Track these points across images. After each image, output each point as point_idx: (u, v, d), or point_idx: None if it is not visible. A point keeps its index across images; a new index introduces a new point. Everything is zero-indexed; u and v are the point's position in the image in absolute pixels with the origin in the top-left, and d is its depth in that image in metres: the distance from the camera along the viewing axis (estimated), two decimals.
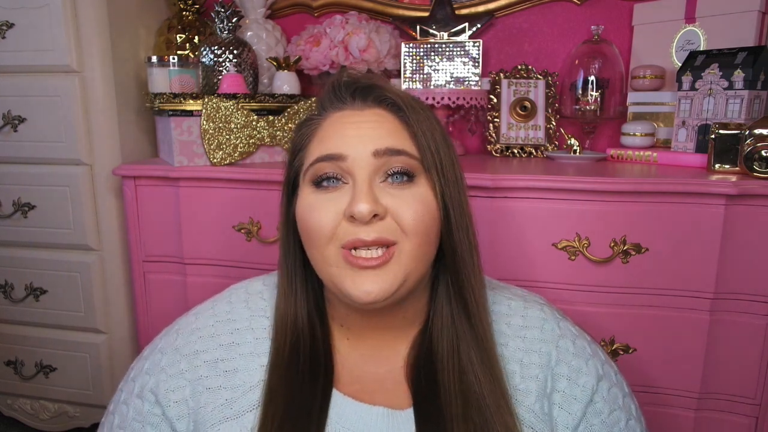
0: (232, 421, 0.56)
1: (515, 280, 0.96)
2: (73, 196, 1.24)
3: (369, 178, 0.54)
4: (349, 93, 0.59)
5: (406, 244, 0.53)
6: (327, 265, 0.55)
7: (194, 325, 0.64)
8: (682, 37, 1.22)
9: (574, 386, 0.59)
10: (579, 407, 0.59)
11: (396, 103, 0.57)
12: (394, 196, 0.54)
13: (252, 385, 0.58)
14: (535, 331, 0.62)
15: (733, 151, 0.96)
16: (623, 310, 0.95)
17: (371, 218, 0.52)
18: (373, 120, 0.56)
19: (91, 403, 1.38)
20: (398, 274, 0.53)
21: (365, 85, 0.59)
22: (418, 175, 0.56)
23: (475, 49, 1.32)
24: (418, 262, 0.55)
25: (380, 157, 0.54)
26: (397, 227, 0.53)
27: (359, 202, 0.51)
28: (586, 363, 0.61)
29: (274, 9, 1.51)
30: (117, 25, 1.24)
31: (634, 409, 0.63)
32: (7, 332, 1.37)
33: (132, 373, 0.64)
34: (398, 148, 0.55)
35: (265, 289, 0.66)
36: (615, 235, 0.92)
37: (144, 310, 1.21)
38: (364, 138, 0.55)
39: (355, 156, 0.54)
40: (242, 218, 1.10)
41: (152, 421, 0.59)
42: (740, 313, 0.91)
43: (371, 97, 0.58)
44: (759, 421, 0.93)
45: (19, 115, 1.23)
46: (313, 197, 0.56)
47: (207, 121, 1.10)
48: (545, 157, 1.30)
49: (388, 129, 0.56)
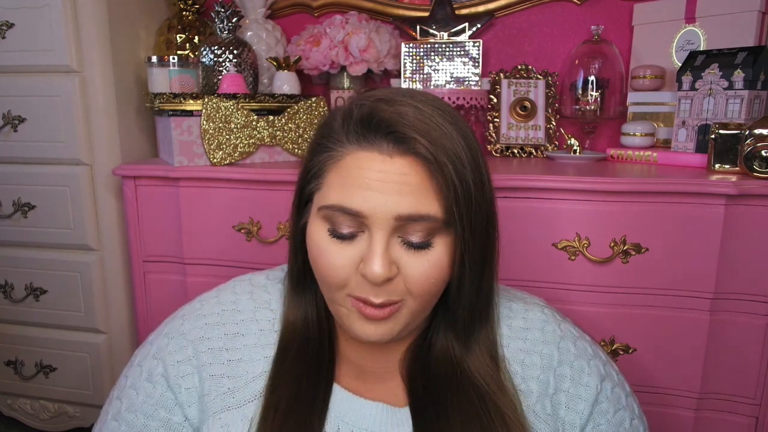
0: (234, 411, 0.57)
1: (515, 280, 0.96)
2: (73, 196, 1.24)
3: (386, 239, 0.51)
4: (383, 133, 0.51)
5: (410, 302, 0.54)
6: (336, 305, 0.55)
7: (200, 311, 0.64)
8: (682, 37, 1.22)
9: (578, 386, 0.60)
10: (585, 406, 0.59)
11: (433, 157, 0.50)
12: (410, 258, 0.52)
13: (255, 376, 0.59)
14: (537, 332, 0.62)
15: (733, 151, 0.96)
16: (623, 310, 0.95)
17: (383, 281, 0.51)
18: (401, 174, 0.50)
19: (91, 403, 1.38)
20: (399, 324, 0.55)
21: (403, 130, 0.50)
22: (438, 236, 0.52)
23: (475, 49, 1.32)
24: (421, 314, 0.56)
25: (402, 221, 0.50)
26: (404, 287, 0.53)
27: (374, 265, 0.50)
28: (588, 363, 0.61)
29: (274, 9, 1.51)
30: (117, 25, 1.24)
31: (637, 409, 0.63)
32: (7, 332, 1.37)
33: (137, 360, 0.64)
34: (423, 213, 0.50)
35: (269, 283, 0.67)
36: (615, 235, 0.92)
37: (144, 310, 1.21)
38: (389, 200, 0.50)
39: (375, 217, 0.50)
40: (242, 218, 1.10)
41: (166, 405, 0.59)
42: (740, 313, 0.91)
43: (404, 146, 0.50)
44: (759, 421, 0.93)
45: (19, 115, 1.23)
46: (327, 241, 0.53)
47: (207, 121, 1.10)
48: (545, 157, 1.30)
49: (415, 187, 0.50)
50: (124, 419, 0.60)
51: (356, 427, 0.56)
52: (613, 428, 0.60)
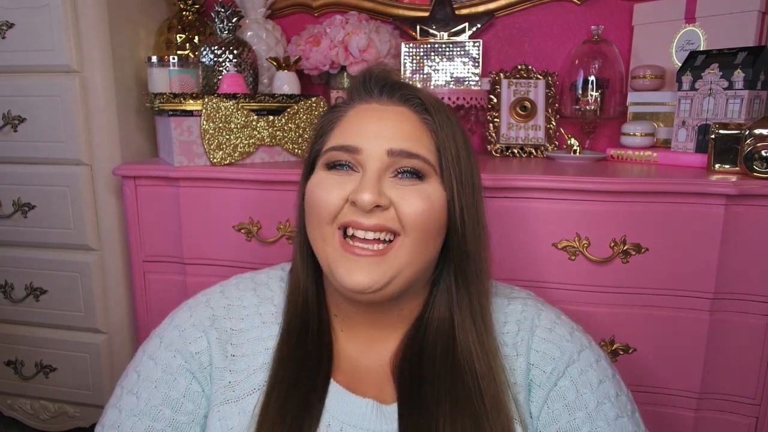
0: (233, 404, 0.57)
1: (515, 279, 0.96)
2: (73, 196, 1.24)
3: (378, 172, 0.55)
4: (377, 87, 0.60)
5: (405, 240, 0.54)
6: (324, 245, 0.56)
7: (207, 304, 0.64)
8: (682, 37, 1.22)
9: (541, 374, 0.59)
10: (542, 394, 0.59)
11: (422, 103, 0.59)
12: (400, 190, 0.55)
13: (255, 368, 0.59)
14: (514, 324, 0.63)
15: (733, 151, 0.96)
16: (623, 310, 0.95)
17: (373, 208, 0.53)
18: (394, 118, 0.58)
19: (91, 403, 1.38)
20: (391, 267, 0.54)
21: (394, 81, 0.60)
22: (429, 177, 0.57)
23: (475, 49, 1.32)
24: (415, 258, 0.55)
25: (394, 157, 0.55)
26: (398, 220, 0.54)
27: (364, 192, 0.53)
28: (560, 349, 0.60)
29: (274, 9, 1.51)
30: (117, 25, 1.24)
31: (614, 395, 0.59)
32: (7, 332, 1.37)
33: (146, 354, 0.62)
34: (413, 151, 0.56)
35: (270, 281, 0.68)
36: (615, 235, 0.92)
37: (144, 310, 1.21)
38: (382, 135, 0.56)
39: (369, 151, 0.55)
40: (242, 218, 1.10)
41: (194, 398, 0.59)
42: (740, 313, 0.91)
43: (398, 94, 0.59)
44: (759, 421, 0.93)
45: (19, 115, 1.23)
46: (323, 175, 0.58)
47: (207, 121, 1.10)
48: (545, 157, 1.30)
49: (408, 130, 0.57)
50: (145, 413, 0.57)
51: (345, 423, 0.57)
52: (569, 411, 0.57)
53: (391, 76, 0.61)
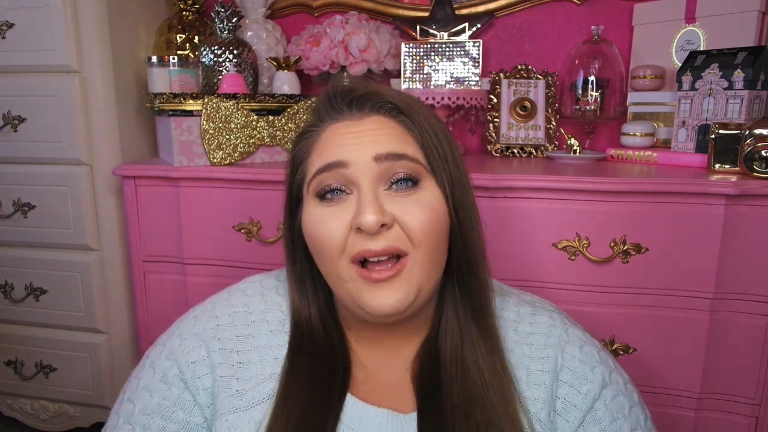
0: (241, 413, 0.56)
1: (515, 280, 0.96)
2: (73, 196, 1.24)
3: (373, 186, 0.53)
4: (345, 103, 0.57)
5: (417, 255, 0.53)
6: (342, 281, 0.54)
7: (212, 312, 0.64)
8: (682, 37, 1.22)
9: (576, 394, 0.58)
10: (578, 415, 0.58)
11: (396, 106, 0.57)
12: (400, 204, 0.53)
13: (264, 378, 0.58)
14: (542, 337, 0.61)
15: (733, 151, 0.96)
16: (623, 310, 0.95)
17: (378, 228, 0.51)
18: (372, 128, 0.55)
19: (91, 403, 1.38)
20: (412, 285, 0.53)
21: (362, 93, 0.57)
22: (423, 179, 0.55)
23: (475, 49, 1.32)
24: (431, 270, 0.54)
25: (382, 162, 0.53)
26: (405, 237, 0.52)
27: (365, 213, 0.51)
28: (592, 370, 0.60)
29: (274, 9, 1.51)
30: (117, 25, 1.24)
31: (643, 420, 0.61)
32: (7, 332, 1.37)
33: (148, 361, 0.63)
34: (400, 152, 0.54)
35: (279, 285, 0.66)
36: (615, 235, 0.92)
37: (144, 310, 1.21)
38: (365, 144, 0.54)
39: (356, 162, 0.53)
40: (242, 218, 1.10)
41: (184, 406, 0.58)
42: (740, 313, 0.91)
43: (368, 104, 0.57)
44: (759, 421, 0.93)
45: (19, 115, 1.23)
46: (319, 211, 0.55)
47: (207, 121, 1.10)
48: (545, 157, 1.30)
49: (389, 134, 0.55)
50: (138, 422, 0.58)
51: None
52: None
53: (356, 88, 0.58)
